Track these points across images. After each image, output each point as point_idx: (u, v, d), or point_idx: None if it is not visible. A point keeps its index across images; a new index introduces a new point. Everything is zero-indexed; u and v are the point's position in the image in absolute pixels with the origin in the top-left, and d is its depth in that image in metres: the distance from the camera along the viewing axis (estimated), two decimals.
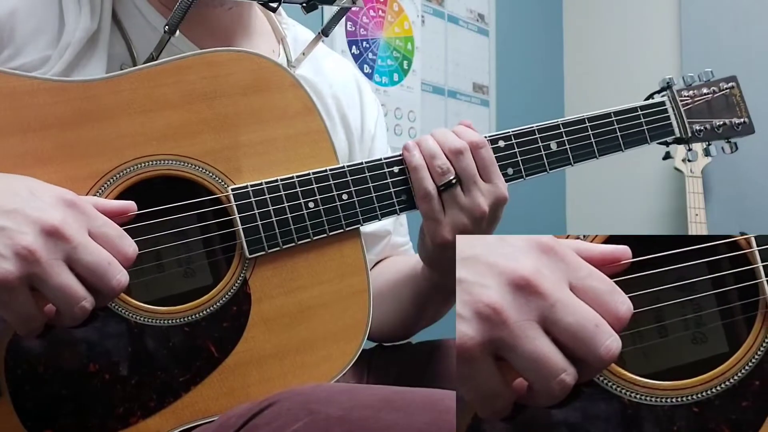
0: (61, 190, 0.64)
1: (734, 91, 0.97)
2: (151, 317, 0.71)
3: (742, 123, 0.97)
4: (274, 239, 0.75)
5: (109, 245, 0.64)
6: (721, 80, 0.97)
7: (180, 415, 0.70)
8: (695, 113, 0.95)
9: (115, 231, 0.65)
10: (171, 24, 0.77)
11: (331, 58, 1.03)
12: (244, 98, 0.76)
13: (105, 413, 0.68)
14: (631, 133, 0.89)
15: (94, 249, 0.63)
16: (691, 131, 0.94)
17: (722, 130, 0.96)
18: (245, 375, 0.72)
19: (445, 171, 0.79)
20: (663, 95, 0.95)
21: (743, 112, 0.97)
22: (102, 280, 0.62)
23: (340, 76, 1.01)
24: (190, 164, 0.73)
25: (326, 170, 0.77)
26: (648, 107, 0.92)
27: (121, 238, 0.65)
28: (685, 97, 0.95)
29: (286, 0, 0.80)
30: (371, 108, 1.05)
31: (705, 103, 0.96)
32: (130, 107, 0.72)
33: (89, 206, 0.65)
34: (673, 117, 0.93)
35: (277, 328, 0.74)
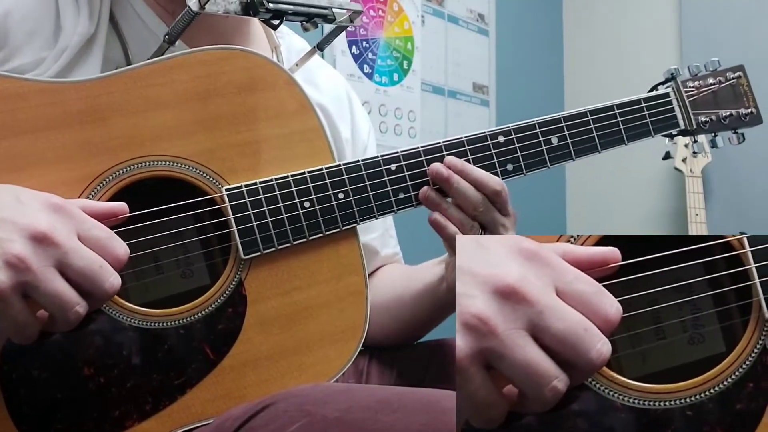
0: (47, 195, 0.64)
1: (741, 80, 0.95)
2: (146, 320, 0.70)
3: (749, 113, 0.95)
4: (270, 240, 0.74)
5: (99, 248, 0.63)
6: (727, 70, 0.95)
7: (176, 418, 0.70)
8: (701, 104, 0.93)
9: (105, 233, 0.64)
10: (171, 34, 0.77)
11: (324, 71, 1.04)
12: (238, 97, 0.75)
13: (100, 417, 0.68)
14: (635, 126, 0.88)
15: (85, 253, 0.62)
16: (697, 123, 0.93)
17: (729, 120, 0.94)
18: (241, 377, 0.72)
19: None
20: (667, 86, 0.93)
21: (751, 101, 0.95)
22: (94, 284, 0.62)
23: (332, 88, 1.02)
24: (184, 165, 0.73)
25: (322, 169, 0.77)
26: (652, 99, 0.91)
27: (112, 240, 0.64)
28: (690, 87, 0.93)
29: (288, 18, 0.80)
30: (363, 121, 1.06)
31: (711, 94, 0.94)
32: (123, 108, 0.72)
33: (77, 209, 0.64)
34: (678, 108, 0.92)
35: (273, 329, 0.73)
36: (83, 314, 0.62)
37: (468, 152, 0.81)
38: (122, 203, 0.69)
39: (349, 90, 1.06)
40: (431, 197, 0.80)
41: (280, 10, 0.78)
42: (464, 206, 0.80)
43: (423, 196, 0.80)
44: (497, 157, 0.81)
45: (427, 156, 0.80)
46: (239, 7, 0.78)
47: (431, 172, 0.79)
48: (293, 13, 0.80)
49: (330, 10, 0.83)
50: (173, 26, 0.77)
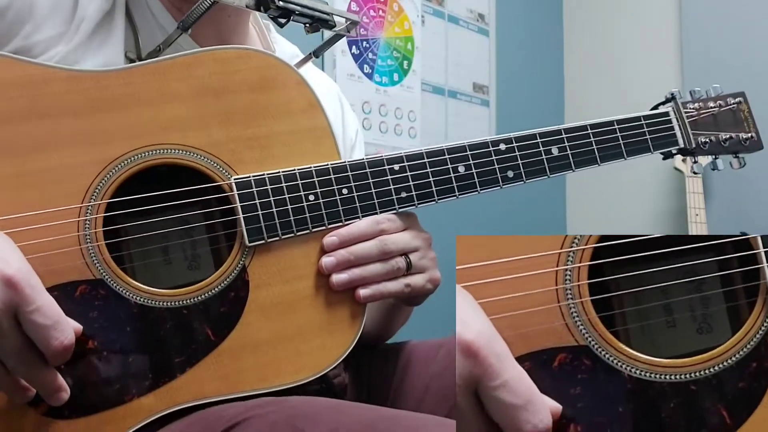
0: (4, 266, 0.62)
1: (742, 106, 0.97)
2: (151, 298, 0.72)
3: (749, 137, 0.96)
4: (274, 229, 0.77)
5: (36, 337, 0.63)
6: (728, 95, 0.97)
7: (174, 395, 0.72)
8: (701, 125, 0.95)
9: (48, 320, 0.63)
10: (187, 21, 0.80)
11: (315, 72, 1.07)
12: (250, 94, 0.78)
13: (100, 390, 0.70)
14: (634, 141, 0.90)
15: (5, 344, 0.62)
16: (696, 143, 0.94)
17: (729, 144, 0.95)
18: (240, 359, 0.74)
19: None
20: (667, 106, 0.95)
21: (751, 127, 0.97)
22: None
23: (323, 89, 1.04)
24: (196, 154, 0.76)
25: (327, 165, 0.79)
26: (652, 117, 0.92)
27: (50, 330, 0.63)
28: (690, 109, 0.95)
29: (294, 18, 0.83)
30: (352, 122, 1.09)
31: (711, 116, 0.95)
32: (141, 99, 0.75)
33: (28, 289, 0.62)
34: (678, 127, 0.94)
35: (273, 315, 0.76)
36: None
37: (470, 157, 0.83)
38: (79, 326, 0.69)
39: (339, 92, 1.10)
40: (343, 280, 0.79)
41: (288, 9, 0.82)
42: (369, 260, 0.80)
43: (339, 284, 0.78)
44: (498, 164, 0.83)
45: (430, 158, 0.82)
46: (253, 1, 0.81)
47: (329, 265, 0.78)
48: (300, 14, 0.83)
49: (331, 17, 0.86)
50: (189, 14, 0.79)
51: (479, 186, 0.83)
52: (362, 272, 0.79)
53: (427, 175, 0.82)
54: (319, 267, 0.78)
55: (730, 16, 2.58)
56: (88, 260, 0.71)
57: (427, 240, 0.85)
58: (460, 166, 0.83)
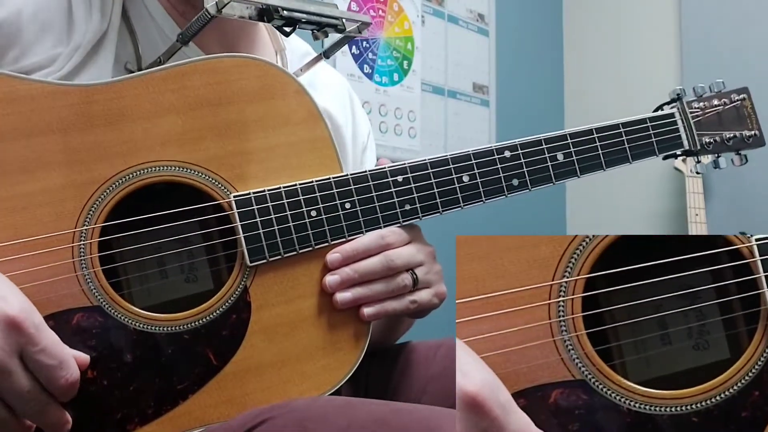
0: (7, 307, 0.61)
1: (745, 102, 0.96)
2: (151, 324, 0.70)
3: (752, 135, 0.96)
4: (276, 248, 0.74)
5: (42, 376, 0.62)
6: (732, 92, 0.96)
7: (177, 422, 0.70)
8: (705, 125, 0.94)
9: (53, 360, 0.62)
10: (186, 35, 0.77)
11: (326, 72, 1.04)
12: (248, 105, 0.75)
13: (102, 420, 0.68)
14: (639, 144, 0.89)
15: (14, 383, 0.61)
16: (701, 144, 0.93)
17: (732, 142, 0.95)
18: (244, 383, 0.72)
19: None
20: (672, 107, 0.94)
21: (754, 124, 0.96)
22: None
23: (334, 90, 1.02)
24: (193, 171, 0.73)
25: (329, 179, 0.77)
26: (657, 119, 0.91)
27: (55, 370, 0.63)
28: (695, 108, 0.94)
29: (300, 26, 0.81)
30: (363, 122, 1.06)
31: (715, 115, 0.94)
32: (134, 113, 0.72)
33: (33, 329, 0.61)
34: (683, 129, 0.92)
35: (276, 336, 0.74)
36: None
37: (474, 166, 0.81)
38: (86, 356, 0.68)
39: (351, 91, 1.07)
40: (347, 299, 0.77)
41: (293, 18, 0.79)
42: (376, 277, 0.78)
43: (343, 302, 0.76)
44: (503, 172, 0.82)
45: (434, 168, 0.80)
46: (255, 12, 0.78)
47: (333, 283, 0.76)
48: (306, 22, 0.80)
49: (341, 21, 0.83)
50: (188, 27, 0.77)
51: (484, 196, 0.82)
52: (367, 290, 0.77)
53: (431, 186, 0.80)
54: (323, 285, 0.76)
55: (729, 14, 2.58)
56: (85, 287, 0.69)
57: (431, 253, 0.83)
58: (465, 175, 0.81)
